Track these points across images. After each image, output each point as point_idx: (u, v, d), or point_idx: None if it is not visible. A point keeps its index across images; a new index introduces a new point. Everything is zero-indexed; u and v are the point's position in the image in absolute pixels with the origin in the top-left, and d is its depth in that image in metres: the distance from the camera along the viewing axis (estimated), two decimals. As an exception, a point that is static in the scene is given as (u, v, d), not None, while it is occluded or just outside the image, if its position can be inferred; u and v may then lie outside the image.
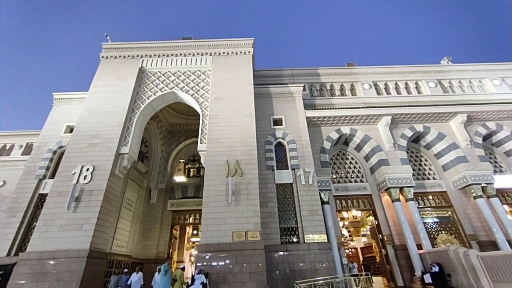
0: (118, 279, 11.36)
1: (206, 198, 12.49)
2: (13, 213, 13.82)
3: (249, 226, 11.76)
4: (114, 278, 11.36)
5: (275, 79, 20.00)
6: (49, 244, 11.40)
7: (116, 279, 11.33)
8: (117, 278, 11.40)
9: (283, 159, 15.75)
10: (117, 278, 11.41)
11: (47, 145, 16.04)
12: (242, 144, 13.95)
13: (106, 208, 12.86)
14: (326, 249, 12.77)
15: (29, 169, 15.25)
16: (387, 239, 15.47)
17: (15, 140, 22.21)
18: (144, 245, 17.80)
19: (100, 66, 17.42)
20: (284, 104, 17.28)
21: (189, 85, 16.61)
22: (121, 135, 14.52)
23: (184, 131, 21.91)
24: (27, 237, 13.39)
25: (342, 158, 18.51)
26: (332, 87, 20.38)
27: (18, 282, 10.64)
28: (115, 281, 11.23)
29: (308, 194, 14.12)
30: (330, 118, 17.30)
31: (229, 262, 11.07)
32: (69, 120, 16.86)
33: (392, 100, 19.03)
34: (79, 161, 13.53)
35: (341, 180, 17.60)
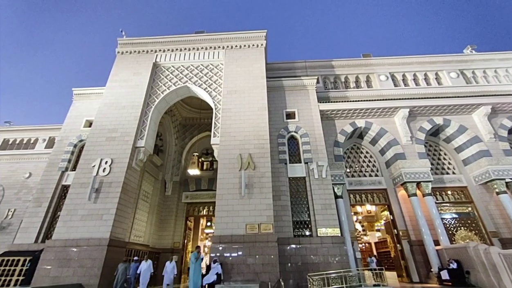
0: (126, 267, 11.27)
1: (220, 191, 12.69)
2: (39, 203, 14.64)
3: (262, 219, 11.88)
4: (122, 266, 11.19)
5: (288, 72, 19.74)
6: (73, 232, 12.04)
7: (124, 267, 11.19)
8: (124, 266, 11.27)
9: (296, 153, 15.66)
10: (125, 266, 11.29)
11: (68, 139, 16.75)
12: (255, 137, 13.98)
13: (124, 200, 13.37)
14: (339, 243, 12.71)
15: (52, 162, 16.03)
16: (403, 234, 15.18)
17: (38, 134, 23.36)
18: (160, 235, 18.41)
19: (116, 61, 17.84)
20: (297, 97, 17.07)
21: (202, 79, 16.72)
22: (137, 129, 14.91)
23: (197, 125, 22.19)
24: (52, 225, 14.18)
25: (357, 152, 18.17)
26: (346, 79, 19.89)
27: (45, 267, 11.37)
28: (123, 269, 11.10)
29: (321, 188, 14.02)
30: (344, 111, 16.95)
31: (242, 254, 11.27)
32: (88, 115, 17.48)
33: (410, 92, 18.34)
34: (98, 154, 14.07)
35: (355, 174, 17.32)
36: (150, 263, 11.94)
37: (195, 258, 9.29)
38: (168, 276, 12.03)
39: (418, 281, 13.84)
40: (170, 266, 12.21)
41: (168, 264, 12.31)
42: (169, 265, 12.23)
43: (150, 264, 11.89)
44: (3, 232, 19.07)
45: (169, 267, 12.20)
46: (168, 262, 12.48)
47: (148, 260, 12.01)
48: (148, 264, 11.82)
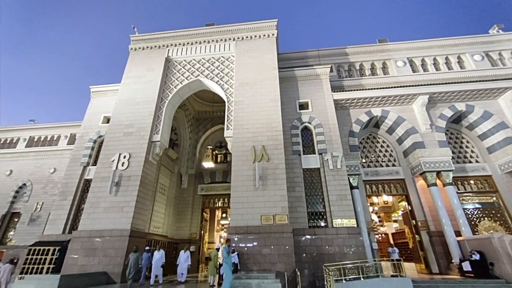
0: (138, 257, 10.85)
1: (234, 183, 12.84)
2: (64, 196, 15.46)
3: (277, 210, 11.95)
4: (133, 256, 10.74)
5: (300, 62, 19.33)
6: (96, 224, 12.67)
7: (135, 257, 10.76)
8: (136, 255, 10.82)
9: (310, 144, 15.48)
10: (136, 255, 10.85)
11: (88, 135, 17.42)
12: (268, 129, 13.92)
13: (143, 192, 13.84)
14: (355, 233, 12.60)
15: (75, 157, 16.78)
16: (421, 225, 14.81)
17: (60, 131, 24.44)
18: (177, 226, 19.01)
19: (130, 58, 18.15)
20: (310, 87, 16.74)
21: (214, 72, 16.72)
22: (152, 123, 15.24)
23: (210, 118, 22.37)
24: (77, 217, 14.98)
25: (373, 141, 17.70)
26: (361, 67, 19.23)
27: (73, 256, 12.09)
28: (134, 259, 10.66)
29: (336, 179, 13.86)
30: (359, 100, 16.48)
31: (258, 244, 11.45)
32: (105, 111, 18.04)
33: (430, 77, 17.49)
34: (116, 149, 14.55)
35: (371, 164, 16.94)
36: (163, 253, 11.87)
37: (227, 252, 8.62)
38: (182, 265, 12.07)
39: (438, 272, 13.54)
40: (184, 255, 12.24)
41: (182, 253, 12.29)
42: (183, 255, 12.24)
43: (162, 254, 11.81)
44: (34, 224, 20.37)
45: (183, 257, 12.21)
46: (182, 251, 12.46)
47: (161, 250, 11.97)
48: (161, 254, 11.75)
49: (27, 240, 18.90)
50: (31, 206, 21.19)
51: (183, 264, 12.07)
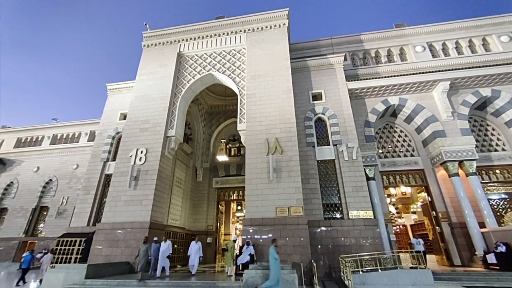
0: (147, 248, 10.62)
1: (248, 176, 12.92)
2: (87, 191, 16.22)
3: (292, 202, 11.95)
4: (143, 247, 10.53)
5: (313, 51, 18.88)
6: (118, 216, 13.24)
7: (145, 248, 10.53)
8: (145, 247, 10.59)
9: (324, 135, 15.24)
10: (146, 247, 10.61)
11: (107, 132, 18.04)
12: (281, 121, 13.81)
13: (160, 186, 14.25)
14: (372, 225, 12.41)
15: (95, 153, 17.48)
16: (442, 216, 14.34)
17: (81, 128, 25.50)
18: (194, 218, 19.51)
19: (143, 55, 18.44)
20: (324, 77, 16.35)
21: (225, 66, 16.68)
22: (167, 119, 15.53)
23: (223, 112, 22.48)
24: (100, 210, 15.70)
25: (390, 131, 17.15)
26: (377, 54, 18.51)
27: (98, 247, 12.75)
28: (144, 250, 10.44)
29: (351, 170, 13.62)
30: (375, 89, 15.93)
31: (273, 236, 11.53)
32: (122, 108, 18.55)
33: (451, 62, 16.57)
34: (134, 145, 15.00)
35: (388, 155, 16.47)
36: (169, 243, 11.36)
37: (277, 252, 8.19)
38: (193, 257, 11.58)
39: (460, 265, 13.13)
40: (196, 246, 11.70)
41: (194, 244, 11.77)
42: (194, 246, 11.73)
43: (169, 244, 11.32)
44: (61, 217, 21.62)
45: (194, 247, 11.68)
46: (193, 242, 11.90)
47: (167, 241, 11.41)
48: (167, 244, 11.26)
49: (55, 232, 20.11)
50: (58, 200, 22.44)
51: (194, 256, 11.59)
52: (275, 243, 8.62)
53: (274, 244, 8.47)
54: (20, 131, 27.22)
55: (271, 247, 8.37)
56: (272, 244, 8.54)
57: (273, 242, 8.65)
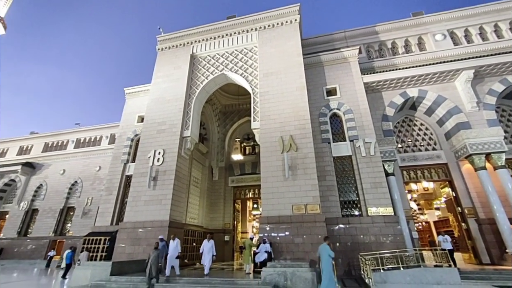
0: (159, 254, 9.59)
1: (264, 174, 12.93)
2: (110, 191, 16.92)
3: (308, 200, 11.83)
4: (154, 253, 9.44)
5: (326, 46, 18.50)
6: (139, 216, 13.71)
7: (156, 254, 9.44)
8: (157, 253, 9.54)
9: (340, 131, 14.94)
10: (157, 253, 9.57)
11: (126, 134, 18.69)
12: (295, 118, 13.68)
13: (178, 186, 14.59)
14: (393, 222, 12.04)
15: (116, 156, 18.18)
16: (469, 212, 13.65)
17: (102, 132, 26.59)
18: (212, 217, 19.82)
19: (158, 58, 18.89)
20: (338, 72, 15.99)
21: (238, 65, 16.73)
22: (182, 120, 15.84)
23: (237, 111, 22.60)
24: (122, 210, 16.33)
25: (409, 124, 16.50)
26: (394, 45, 17.85)
27: (121, 245, 13.28)
28: (155, 256, 9.34)
29: (369, 166, 13.27)
30: (392, 81, 15.37)
31: (290, 233, 11.50)
32: (139, 111, 19.14)
33: (475, 49, 15.67)
34: (151, 146, 15.44)
35: (408, 149, 15.87)
36: (178, 242, 10.78)
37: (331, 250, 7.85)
38: (205, 256, 10.95)
39: (490, 263, 12.45)
40: (208, 245, 11.10)
41: (206, 242, 11.19)
42: (206, 244, 11.14)
43: (177, 243, 10.73)
44: (86, 217, 22.71)
45: (206, 246, 11.10)
46: (205, 240, 11.32)
47: (176, 240, 10.81)
48: (176, 243, 10.68)
49: (81, 231, 21.17)
50: (83, 201, 23.58)
51: (207, 255, 10.92)
52: (328, 240, 8.27)
53: (327, 242, 8.12)
54: (47, 136, 28.83)
55: (324, 245, 8.03)
56: (325, 241, 8.19)
57: (326, 240, 8.29)
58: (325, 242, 8.18)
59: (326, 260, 7.74)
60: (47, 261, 19.70)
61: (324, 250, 7.89)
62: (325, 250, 7.87)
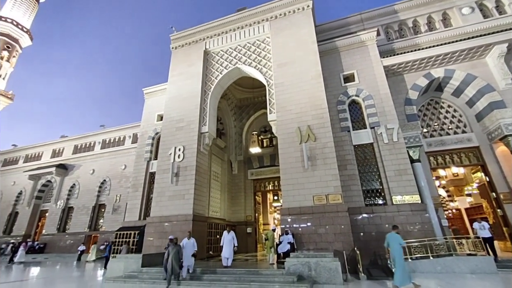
0: (178, 250, 9.19)
1: (283, 166, 12.87)
2: (136, 188, 17.73)
3: (329, 190, 11.65)
4: (173, 249, 9.09)
5: (341, 31, 17.78)
6: (164, 210, 14.28)
7: (176, 251, 9.09)
8: (176, 249, 9.16)
9: (360, 118, 14.44)
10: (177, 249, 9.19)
11: (147, 133, 19.37)
12: (312, 108, 13.40)
13: (199, 180, 14.96)
14: (420, 210, 11.58)
15: (139, 154, 18.94)
16: (504, 197, 12.75)
17: (125, 132, 27.76)
18: (233, 210, 20.19)
19: (172, 57, 19.20)
20: (355, 57, 15.35)
21: (251, 57, 16.59)
22: (199, 116, 16.09)
23: (252, 104, 22.55)
24: (148, 205, 17.08)
25: (435, 107, 15.57)
26: (415, 23, 16.77)
27: (149, 239, 13.96)
28: (175, 253, 8.99)
29: (393, 153, 12.75)
30: (415, 62, 14.51)
31: (312, 224, 11.44)
32: (158, 110, 19.68)
33: (509, 20, 14.30)
34: (172, 143, 15.89)
35: (434, 133, 15.03)
36: (193, 241, 9.97)
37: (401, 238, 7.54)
38: (226, 248, 10.63)
39: (530, 251, 11.64)
40: (228, 237, 10.84)
41: (226, 234, 10.97)
42: (226, 236, 10.91)
43: (193, 242, 9.94)
44: (116, 213, 24.05)
45: (226, 238, 10.84)
46: (225, 232, 11.11)
47: (191, 238, 10.05)
48: (192, 242, 9.92)
49: (113, 226, 22.50)
50: (112, 198, 24.96)
51: (227, 247, 10.60)
52: (397, 229, 8.01)
53: (396, 231, 7.87)
54: (75, 139, 30.64)
55: (393, 234, 7.76)
56: (394, 230, 7.93)
57: (395, 229, 8.01)
58: (393, 231, 7.89)
59: (397, 250, 7.49)
60: (78, 255, 21.05)
61: (394, 239, 7.61)
62: (395, 239, 7.59)
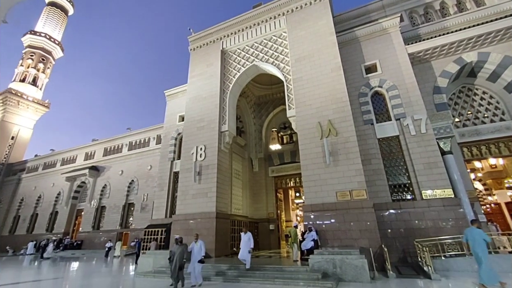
0: (183, 250, 8.83)
1: (304, 162, 12.69)
2: (161, 187, 18.43)
3: (353, 185, 11.30)
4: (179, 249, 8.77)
5: (361, 19, 17.07)
6: (189, 208, 14.72)
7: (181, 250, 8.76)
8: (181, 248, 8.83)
9: (383, 110, 13.81)
10: (182, 248, 8.84)
11: (170, 134, 20.01)
12: (333, 102, 13.03)
13: (221, 179, 15.22)
14: (453, 205, 10.85)
15: (163, 155, 19.64)
16: (553, 190, 11.57)
17: (149, 134, 28.91)
18: (255, 207, 20.31)
19: (191, 58, 19.62)
20: (377, 46, 14.66)
21: (268, 54, 16.47)
22: (219, 115, 16.32)
23: (271, 101, 22.43)
24: (173, 204, 17.68)
25: (468, 94, 14.47)
26: (443, 5, 15.66)
27: (175, 236, 14.45)
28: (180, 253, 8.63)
29: (421, 146, 12.05)
30: (444, 47, 13.55)
31: (336, 221, 11.18)
32: (179, 111, 20.24)
33: (553, -7, 12.86)
34: (193, 143, 16.29)
35: (467, 123, 13.99)
36: (202, 244, 9.27)
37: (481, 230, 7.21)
38: (242, 249, 10.22)
39: None
40: (245, 238, 10.40)
41: (243, 235, 10.55)
42: (243, 237, 10.51)
43: (201, 245, 9.21)
44: (144, 211, 25.22)
45: (243, 238, 10.46)
46: (242, 233, 10.67)
47: (199, 241, 9.34)
48: (199, 245, 9.20)
49: (141, 224, 23.61)
50: (140, 197, 26.19)
51: (244, 248, 10.17)
52: (477, 224, 7.63)
53: (477, 225, 7.52)
54: (105, 142, 32.48)
55: (473, 228, 7.41)
56: (473, 225, 7.57)
57: (474, 223, 7.64)
58: (473, 226, 7.50)
59: (481, 246, 7.08)
60: (105, 252, 22.16)
61: (477, 234, 7.22)
62: (479, 234, 7.20)
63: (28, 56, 48.12)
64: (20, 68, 47.34)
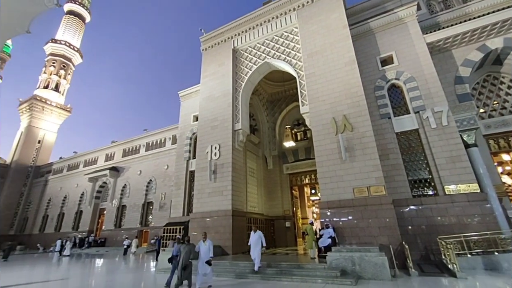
0: (190, 249, 8.42)
1: (319, 158, 12.53)
2: (178, 186, 18.86)
3: (371, 181, 11.02)
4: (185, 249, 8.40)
5: (375, 10, 16.52)
6: (205, 206, 14.98)
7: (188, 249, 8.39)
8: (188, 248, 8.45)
9: (401, 103, 13.33)
10: (189, 247, 8.46)
11: (185, 134, 20.40)
12: (347, 96, 12.74)
13: (236, 177, 15.34)
14: (479, 200, 10.34)
15: (179, 154, 20.06)
16: None
17: (165, 134, 29.62)
18: (271, 204, 20.31)
19: (203, 58, 19.83)
20: (393, 37, 14.15)
21: (279, 50, 16.34)
22: (232, 114, 16.42)
23: (284, 98, 22.27)
24: (190, 202, 18.07)
25: (493, 83, 13.67)
26: (463, -10, 14.80)
27: (193, 233, 14.77)
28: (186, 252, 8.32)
29: (442, 139, 11.54)
30: (466, 35, 12.86)
31: (353, 217, 10.97)
32: (194, 111, 20.58)
33: None
34: (208, 142, 16.51)
35: (493, 113, 13.23)
36: (210, 244, 8.53)
37: None
38: (253, 249, 9.98)
39: None
40: (255, 236, 10.09)
41: (253, 234, 10.24)
42: (253, 236, 10.20)
43: (209, 245, 8.49)
44: (162, 210, 25.95)
45: (253, 238, 10.13)
46: (252, 232, 10.41)
47: (207, 241, 8.59)
48: (207, 245, 8.48)
49: (160, 222, 24.31)
50: (158, 196, 26.95)
51: (255, 248, 9.91)
52: None
53: None
54: (123, 143, 33.64)
55: None
56: None
57: None
58: None
59: None
60: (124, 249, 22.63)
61: None
62: None
63: (50, 63, 50.66)
64: (43, 75, 49.96)
